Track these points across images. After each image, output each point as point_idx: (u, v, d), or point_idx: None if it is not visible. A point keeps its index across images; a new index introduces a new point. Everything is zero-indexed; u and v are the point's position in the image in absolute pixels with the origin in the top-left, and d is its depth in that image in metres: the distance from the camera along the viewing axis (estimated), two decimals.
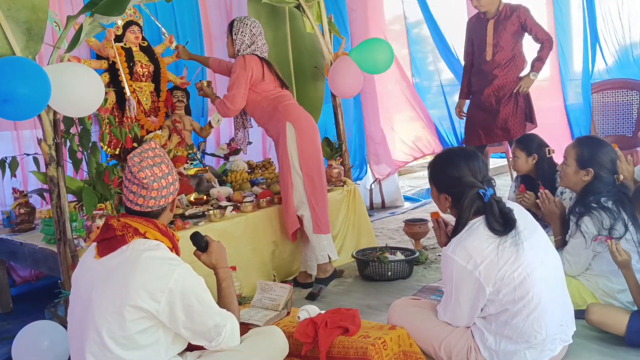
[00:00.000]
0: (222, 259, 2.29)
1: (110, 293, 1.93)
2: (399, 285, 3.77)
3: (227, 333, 2.06)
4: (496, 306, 2.29)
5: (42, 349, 2.69)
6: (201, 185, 4.18)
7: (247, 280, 3.53)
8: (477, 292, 2.29)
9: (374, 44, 4.44)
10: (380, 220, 5.59)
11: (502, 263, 2.24)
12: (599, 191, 2.90)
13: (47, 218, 3.28)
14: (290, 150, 3.65)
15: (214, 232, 3.48)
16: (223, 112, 3.85)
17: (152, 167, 2.01)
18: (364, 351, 2.29)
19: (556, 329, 2.36)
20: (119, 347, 1.92)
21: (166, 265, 1.95)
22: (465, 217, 2.33)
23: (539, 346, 2.31)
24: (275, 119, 3.72)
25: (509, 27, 4.59)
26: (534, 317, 2.27)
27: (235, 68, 3.74)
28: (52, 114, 2.74)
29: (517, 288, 2.25)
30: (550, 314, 2.31)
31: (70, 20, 2.74)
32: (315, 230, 3.70)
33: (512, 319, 2.28)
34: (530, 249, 2.29)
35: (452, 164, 2.38)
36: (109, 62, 3.99)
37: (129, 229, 2.01)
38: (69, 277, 2.80)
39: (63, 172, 2.80)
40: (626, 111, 5.70)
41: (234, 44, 3.83)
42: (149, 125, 4.06)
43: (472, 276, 2.26)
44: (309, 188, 3.67)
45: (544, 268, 2.33)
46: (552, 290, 2.35)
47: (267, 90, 3.78)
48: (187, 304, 1.95)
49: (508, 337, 2.30)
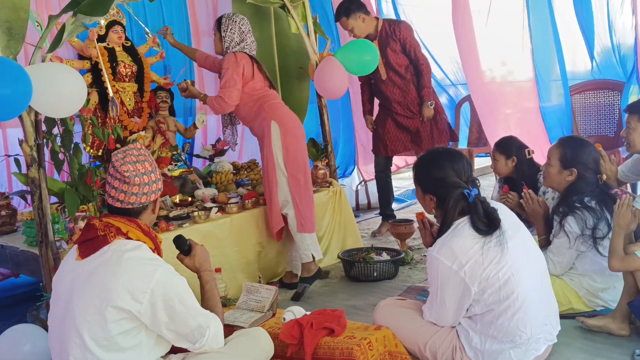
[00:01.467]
0: (205, 262, 2.28)
1: (90, 294, 1.91)
2: (384, 286, 3.78)
3: (211, 334, 2.04)
4: (481, 306, 2.30)
5: (24, 352, 2.65)
6: (186, 187, 4.15)
7: (232, 281, 3.51)
8: (462, 292, 2.29)
9: (360, 45, 4.44)
10: (366, 221, 5.59)
11: (487, 263, 2.25)
12: (582, 191, 2.93)
13: (28, 220, 3.24)
14: (274, 149, 3.64)
15: (199, 233, 3.46)
16: (219, 108, 3.77)
17: (135, 163, 2.02)
18: (350, 352, 2.29)
19: (540, 329, 2.37)
20: (100, 349, 1.90)
21: (148, 266, 1.94)
22: (450, 218, 2.33)
23: (523, 346, 2.32)
24: (260, 118, 3.72)
25: (393, 45, 4.56)
26: (519, 316, 2.28)
27: (226, 65, 3.72)
28: (34, 114, 2.71)
29: (502, 288, 2.26)
30: (534, 313, 2.32)
31: (52, 20, 2.71)
32: (299, 229, 3.69)
33: (497, 319, 2.29)
34: (515, 248, 2.30)
35: (436, 164, 2.39)
36: (91, 62, 3.95)
37: (111, 228, 2.00)
38: (50, 280, 2.76)
39: (45, 173, 2.77)
40: (608, 112, 5.76)
41: (222, 40, 3.81)
42: (132, 126, 4.03)
43: (458, 276, 2.26)
44: (293, 187, 3.67)
45: (528, 268, 2.34)
46: (537, 290, 2.37)
47: (255, 90, 3.77)
48: (169, 304, 1.93)
49: (493, 336, 2.31)
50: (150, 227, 2.13)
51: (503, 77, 6.15)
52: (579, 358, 2.61)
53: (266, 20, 4.74)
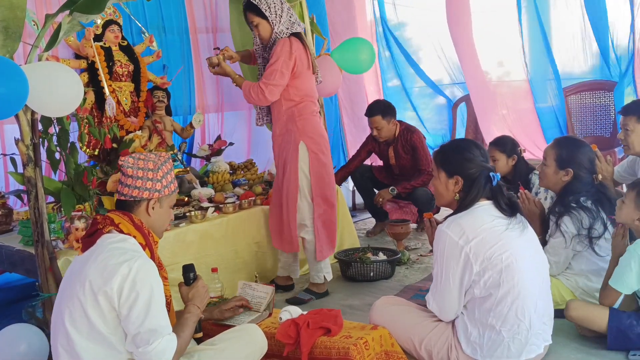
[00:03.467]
0: (199, 297, 2.21)
1: (73, 282, 1.94)
2: (381, 286, 3.78)
3: (159, 347, 1.89)
4: (480, 289, 2.30)
5: (19, 352, 2.64)
6: (182, 187, 4.14)
7: (228, 281, 3.51)
8: (463, 269, 2.30)
9: (356, 44, 4.45)
10: (363, 221, 5.60)
11: (493, 243, 2.28)
12: (578, 191, 2.94)
13: (24, 219, 3.23)
14: (300, 174, 3.44)
15: (196, 233, 3.46)
16: (255, 99, 3.40)
17: (138, 159, 2.10)
18: (346, 351, 2.29)
19: (539, 325, 2.37)
20: (79, 336, 1.90)
21: (126, 254, 1.94)
22: (473, 197, 2.38)
23: (523, 338, 2.32)
24: (288, 130, 3.46)
25: (407, 150, 4.87)
26: (518, 304, 2.29)
27: (279, 53, 3.31)
28: (30, 113, 2.70)
29: (503, 271, 2.27)
30: (533, 305, 2.34)
31: (49, 19, 2.70)
32: (319, 257, 3.54)
33: (496, 306, 2.30)
34: (520, 238, 2.34)
35: (465, 146, 2.48)
36: (88, 62, 3.94)
37: (107, 220, 2.05)
38: (46, 279, 2.76)
39: (41, 172, 2.75)
40: (603, 112, 5.79)
41: (270, 22, 3.37)
42: (128, 125, 4.02)
43: (462, 251, 2.29)
44: (317, 214, 3.49)
45: (532, 261, 2.37)
46: (537, 286, 2.38)
47: (299, 90, 3.43)
48: (132, 295, 1.87)
49: (492, 326, 2.31)
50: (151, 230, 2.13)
51: (499, 78, 6.19)
52: (575, 358, 2.62)
53: None
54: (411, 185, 4.75)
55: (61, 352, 1.95)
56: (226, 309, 2.54)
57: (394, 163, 4.96)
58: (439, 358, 2.42)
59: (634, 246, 2.59)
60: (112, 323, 1.91)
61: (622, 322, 2.61)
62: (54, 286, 2.72)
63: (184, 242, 3.40)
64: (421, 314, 2.57)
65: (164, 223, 2.21)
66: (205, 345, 2.18)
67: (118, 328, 1.92)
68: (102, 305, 1.89)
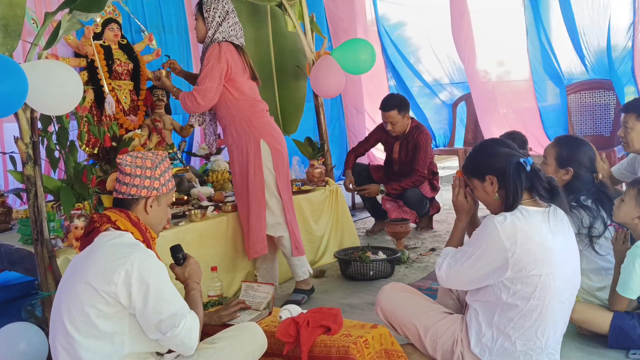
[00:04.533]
0: (195, 274, 2.26)
1: (72, 280, 1.95)
2: (380, 285, 3.75)
3: (185, 326, 1.93)
4: (508, 294, 2.21)
5: (19, 351, 2.64)
6: (182, 185, 4.14)
7: (228, 280, 3.51)
8: (496, 269, 2.19)
9: (357, 44, 4.45)
10: (362, 220, 5.60)
11: (537, 258, 2.15)
12: (578, 190, 2.93)
13: (24, 218, 3.22)
14: (265, 170, 3.43)
15: (195, 232, 3.46)
16: (191, 107, 3.39)
17: (136, 157, 2.11)
18: (346, 350, 2.28)
19: (554, 345, 2.31)
20: (78, 334, 1.90)
21: (126, 249, 1.94)
22: (514, 190, 2.21)
23: (535, 355, 2.25)
24: (246, 131, 3.43)
25: (412, 147, 4.88)
26: (540, 324, 2.21)
27: (208, 58, 3.34)
28: (30, 112, 2.70)
29: (538, 289, 2.17)
30: (555, 327, 2.26)
31: (49, 17, 2.69)
32: (295, 253, 3.54)
33: (519, 318, 2.21)
34: (563, 252, 2.22)
35: (485, 145, 2.42)
36: (87, 60, 3.94)
37: (104, 218, 2.06)
38: (46, 278, 2.76)
39: (40, 171, 2.75)
40: (603, 111, 5.79)
41: (205, 23, 3.42)
42: (128, 124, 4.01)
43: (504, 254, 2.16)
44: (287, 209, 3.50)
45: (566, 281, 2.25)
46: (566, 309, 2.29)
47: (243, 94, 3.44)
48: (143, 287, 1.89)
49: (507, 335, 2.24)
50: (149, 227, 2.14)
51: (499, 77, 6.19)
52: (576, 356, 2.62)
53: (263, 18, 4.73)
54: (401, 187, 4.77)
55: (60, 351, 1.95)
56: (225, 314, 2.54)
57: (397, 158, 4.95)
58: (443, 350, 2.40)
59: (632, 250, 2.59)
60: (116, 317, 1.92)
61: (625, 322, 2.61)
62: (53, 285, 2.72)
63: (183, 241, 3.36)
64: (429, 303, 2.54)
65: (162, 221, 2.22)
66: (205, 343, 2.17)
67: (124, 321, 1.93)
68: (104, 303, 1.89)
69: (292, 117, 4.87)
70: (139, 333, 1.96)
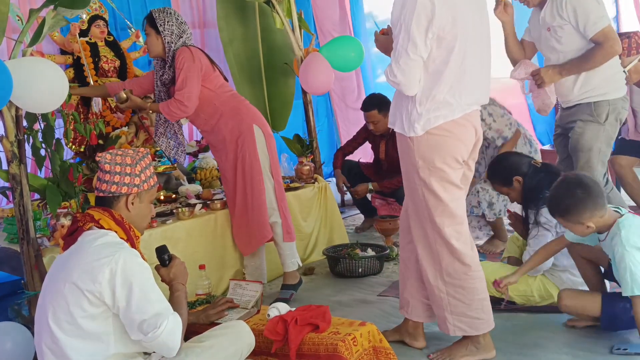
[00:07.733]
0: (180, 275, 2.22)
1: (56, 281, 1.94)
2: (369, 282, 3.78)
3: (168, 327, 1.90)
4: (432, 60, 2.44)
5: (5, 350, 2.62)
6: (170, 183, 4.13)
7: (216, 278, 3.50)
8: (428, 23, 2.35)
9: (345, 42, 4.45)
10: (352, 217, 5.60)
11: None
12: (536, 185, 3.03)
13: (9, 217, 3.19)
14: (260, 154, 3.44)
15: (183, 230, 3.44)
16: (178, 112, 3.36)
17: (115, 154, 2.09)
18: (334, 347, 2.29)
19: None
20: (63, 334, 1.89)
21: (110, 248, 1.93)
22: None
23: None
24: (236, 120, 3.42)
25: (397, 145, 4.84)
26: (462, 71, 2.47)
27: (181, 62, 3.31)
28: (14, 109, 2.68)
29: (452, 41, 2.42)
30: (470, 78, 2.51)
31: (33, 14, 2.67)
32: (286, 238, 3.53)
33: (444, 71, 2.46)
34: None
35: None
36: (73, 57, 3.91)
37: (87, 217, 2.05)
38: (32, 277, 2.74)
39: (26, 169, 2.74)
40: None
41: (162, 37, 3.37)
42: (114, 121, 3.99)
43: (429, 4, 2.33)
44: (279, 193, 3.53)
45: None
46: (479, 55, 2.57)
47: (221, 87, 3.46)
48: (127, 287, 1.88)
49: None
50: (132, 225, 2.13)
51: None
52: (563, 352, 2.63)
53: (251, 15, 4.72)
54: (390, 186, 4.77)
55: (46, 352, 1.94)
56: (213, 313, 2.53)
57: (384, 158, 4.96)
58: None
59: (620, 245, 2.46)
60: (101, 318, 1.91)
61: (616, 305, 2.62)
62: (39, 284, 2.70)
63: (171, 239, 3.37)
64: None
65: (145, 218, 2.20)
66: (192, 342, 2.17)
67: (108, 321, 1.92)
68: (89, 303, 1.88)
69: (281, 114, 4.86)
70: (124, 333, 1.95)
